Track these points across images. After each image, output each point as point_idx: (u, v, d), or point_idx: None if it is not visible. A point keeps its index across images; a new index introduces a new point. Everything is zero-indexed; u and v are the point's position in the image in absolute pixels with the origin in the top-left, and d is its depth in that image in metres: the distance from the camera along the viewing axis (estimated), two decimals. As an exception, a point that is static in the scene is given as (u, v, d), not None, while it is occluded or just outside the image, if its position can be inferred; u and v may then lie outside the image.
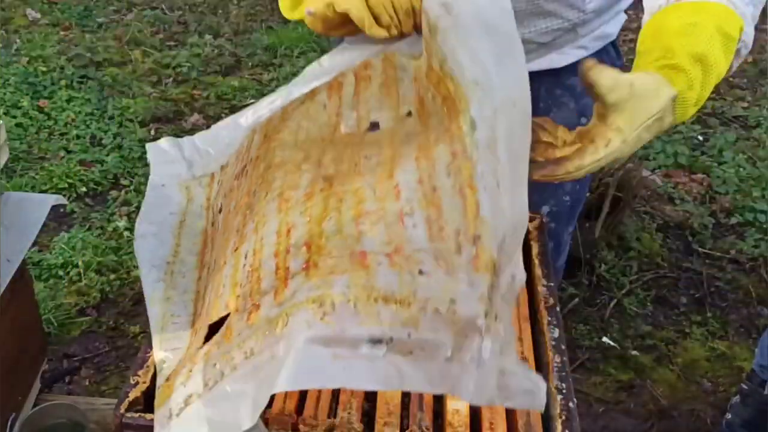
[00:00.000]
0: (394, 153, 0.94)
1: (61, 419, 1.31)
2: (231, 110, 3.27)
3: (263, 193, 0.99)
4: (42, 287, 2.25)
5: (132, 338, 2.16)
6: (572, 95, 1.34)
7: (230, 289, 0.90)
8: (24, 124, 3.04)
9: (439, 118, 0.95)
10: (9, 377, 1.33)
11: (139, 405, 0.96)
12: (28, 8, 4.03)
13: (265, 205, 0.96)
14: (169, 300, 1.03)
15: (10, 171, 2.76)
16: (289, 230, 0.89)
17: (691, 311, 2.29)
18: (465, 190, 0.84)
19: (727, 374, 2.08)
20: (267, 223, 0.93)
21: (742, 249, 2.50)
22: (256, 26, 3.99)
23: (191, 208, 1.18)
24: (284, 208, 0.93)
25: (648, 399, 2.00)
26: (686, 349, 2.16)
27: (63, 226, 2.56)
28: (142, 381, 0.97)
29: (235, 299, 0.88)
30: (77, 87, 3.33)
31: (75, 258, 2.36)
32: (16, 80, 3.24)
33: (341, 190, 0.91)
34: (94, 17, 4.02)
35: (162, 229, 1.13)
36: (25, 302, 1.43)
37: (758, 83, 3.50)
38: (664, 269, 2.43)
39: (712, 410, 1.98)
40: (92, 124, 3.10)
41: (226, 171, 1.20)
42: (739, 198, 2.72)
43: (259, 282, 0.87)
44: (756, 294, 2.34)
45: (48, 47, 3.59)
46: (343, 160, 0.98)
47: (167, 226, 1.14)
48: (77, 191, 2.72)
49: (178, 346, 0.97)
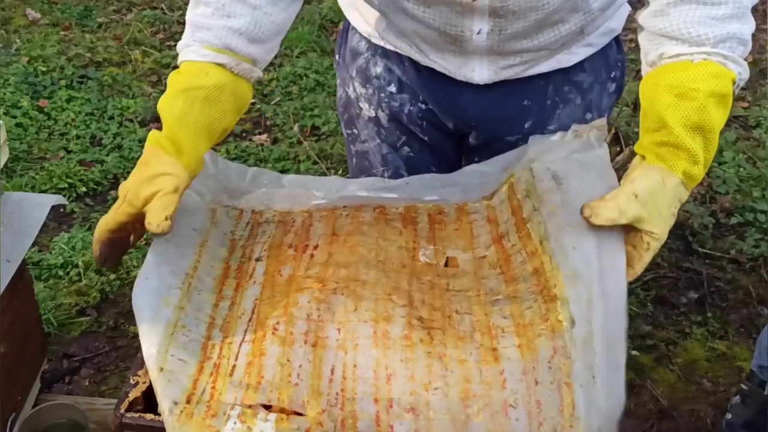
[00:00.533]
0: (488, 320, 1.00)
1: (61, 419, 1.31)
2: (231, 110, 3.28)
3: (350, 301, 1.02)
4: (42, 287, 2.25)
5: (132, 338, 2.16)
6: (579, 91, 1.35)
7: (309, 391, 0.92)
8: (24, 124, 3.04)
9: (529, 289, 1.03)
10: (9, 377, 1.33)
11: (139, 405, 0.96)
12: (28, 8, 4.03)
13: (356, 322, 0.99)
14: (182, 309, 1.02)
15: (10, 171, 2.76)
16: (389, 377, 0.93)
17: (691, 311, 2.29)
18: (563, 388, 0.91)
19: (727, 374, 2.08)
20: (359, 349, 0.96)
21: (742, 249, 2.50)
22: (256, 26, 3.99)
23: (214, 233, 1.19)
24: (380, 345, 0.96)
25: (648, 399, 2.00)
26: (686, 349, 2.16)
27: (63, 226, 2.56)
28: (142, 381, 0.97)
29: (318, 411, 0.90)
30: (77, 87, 3.33)
31: (75, 258, 2.36)
32: (16, 80, 3.24)
33: (444, 353, 0.96)
34: (94, 17, 4.02)
35: (184, 240, 1.13)
36: (25, 302, 1.43)
37: (758, 83, 3.50)
38: (664, 269, 2.43)
39: (712, 410, 1.98)
40: (92, 124, 3.10)
41: (262, 221, 1.23)
42: (739, 198, 2.72)
43: (355, 419, 0.90)
44: (756, 294, 2.34)
45: (48, 47, 3.59)
46: (434, 306, 1.03)
47: (190, 240, 1.14)
48: (77, 191, 2.72)
49: (185, 359, 0.96)
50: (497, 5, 1.13)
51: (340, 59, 1.47)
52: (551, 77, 1.31)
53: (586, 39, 1.28)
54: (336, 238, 1.16)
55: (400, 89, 1.38)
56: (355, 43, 1.40)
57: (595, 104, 1.37)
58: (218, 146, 2.98)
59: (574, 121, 1.33)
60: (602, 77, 1.36)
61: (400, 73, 1.36)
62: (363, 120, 1.45)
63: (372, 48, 1.38)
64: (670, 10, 1.05)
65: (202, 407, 0.90)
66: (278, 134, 3.11)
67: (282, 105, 3.28)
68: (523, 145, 1.29)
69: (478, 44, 1.20)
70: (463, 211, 1.22)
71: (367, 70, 1.39)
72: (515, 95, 1.32)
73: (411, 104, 1.38)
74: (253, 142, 3.05)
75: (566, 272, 0.99)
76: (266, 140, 3.06)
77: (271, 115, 3.20)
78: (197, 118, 1.07)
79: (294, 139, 3.05)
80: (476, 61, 1.25)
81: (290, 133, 3.09)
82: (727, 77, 1.01)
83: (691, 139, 0.99)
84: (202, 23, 1.12)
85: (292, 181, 1.32)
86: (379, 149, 1.45)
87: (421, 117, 1.39)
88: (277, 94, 3.37)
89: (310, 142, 3.00)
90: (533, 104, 1.33)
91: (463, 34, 1.19)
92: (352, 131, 1.49)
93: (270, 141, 3.07)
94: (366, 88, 1.40)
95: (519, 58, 1.25)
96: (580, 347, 0.93)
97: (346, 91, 1.46)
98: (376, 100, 1.40)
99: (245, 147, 2.99)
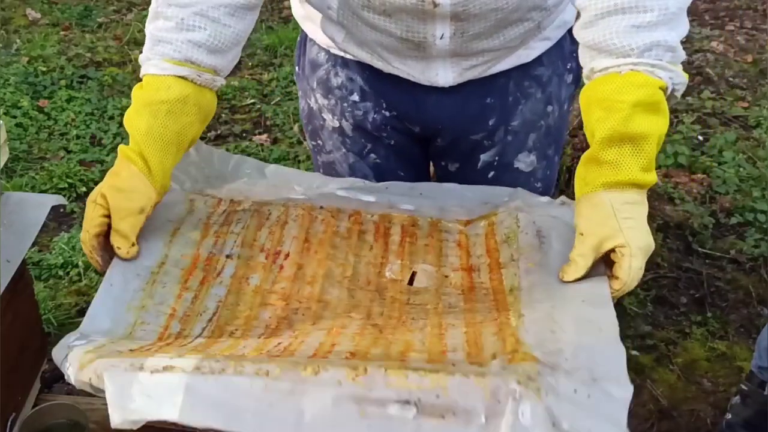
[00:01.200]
0: (441, 321, 1.02)
1: (61, 419, 1.31)
2: (231, 110, 3.28)
3: (309, 321, 1.04)
4: (42, 287, 2.25)
5: (132, 338, 2.16)
6: (539, 85, 1.37)
7: (253, 349, 0.93)
8: (24, 124, 3.04)
9: (486, 306, 1.06)
10: (9, 377, 1.33)
11: (139, 405, 0.96)
12: (28, 8, 4.03)
13: (312, 330, 1.00)
14: (144, 308, 1.05)
15: (10, 171, 2.76)
16: (333, 344, 0.94)
17: (691, 311, 2.29)
18: (508, 338, 0.92)
19: (727, 374, 2.08)
20: (309, 337, 0.97)
21: (742, 249, 2.50)
22: (256, 26, 3.99)
23: (189, 219, 1.20)
24: (330, 335, 0.97)
25: (648, 399, 2.00)
26: (686, 349, 2.16)
27: (63, 226, 2.56)
28: (142, 381, 0.97)
29: (260, 351, 0.91)
30: (77, 87, 3.33)
31: (75, 258, 2.36)
32: (16, 80, 3.24)
33: (391, 337, 0.97)
34: (94, 17, 4.02)
35: (154, 237, 1.14)
36: (25, 302, 1.43)
37: (758, 83, 3.50)
38: (664, 269, 2.43)
39: (712, 410, 1.98)
40: (92, 124, 3.10)
41: (239, 209, 1.24)
42: (739, 198, 2.72)
43: (293, 352, 0.90)
44: (756, 294, 2.34)
45: (48, 47, 3.59)
46: (391, 316, 1.05)
47: (161, 235, 1.16)
48: (77, 191, 2.72)
49: (141, 342, 0.98)
50: (459, 9, 1.14)
51: (300, 71, 1.47)
52: (511, 74, 1.33)
53: (543, 33, 1.30)
54: (308, 247, 1.18)
55: (362, 97, 1.38)
56: (314, 54, 1.40)
57: (554, 96, 1.39)
58: (218, 147, 2.99)
59: (536, 114, 1.37)
60: (559, 69, 1.38)
61: (362, 81, 1.37)
62: (327, 130, 1.45)
63: (332, 58, 1.38)
64: (598, 21, 1.06)
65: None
66: (278, 134, 3.11)
67: (282, 105, 3.28)
68: (496, 175, 1.36)
69: (441, 48, 1.22)
70: (436, 228, 1.24)
71: (328, 81, 1.39)
72: (478, 94, 1.34)
73: (375, 111, 1.38)
74: (253, 142, 3.05)
75: (525, 306, 1.03)
76: (266, 140, 3.06)
77: (271, 115, 3.21)
78: (162, 132, 1.10)
79: (294, 139, 3.05)
80: (439, 65, 1.26)
81: (290, 133, 3.09)
82: (654, 86, 1.03)
83: (610, 150, 1.01)
84: (162, 37, 1.13)
85: (274, 172, 1.33)
86: (346, 158, 1.45)
87: (385, 123, 1.39)
88: (277, 94, 3.37)
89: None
90: (496, 101, 1.35)
91: (425, 40, 1.20)
92: (317, 142, 1.49)
93: (270, 141, 3.07)
94: (328, 98, 1.40)
95: (481, 57, 1.27)
96: (531, 323, 0.95)
97: (308, 102, 1.46)
98: (339, 110, 1.40)
99: (245, 147, 2.99)
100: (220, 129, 3.13)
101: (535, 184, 1.44)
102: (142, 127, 1.09)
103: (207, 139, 3.04)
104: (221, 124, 3.17)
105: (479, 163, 1.42)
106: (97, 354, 0.90)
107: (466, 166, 1.43)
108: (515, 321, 0.96)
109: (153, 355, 0.89)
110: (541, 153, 1.43)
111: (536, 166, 1.43)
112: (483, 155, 1.41)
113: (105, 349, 0.92)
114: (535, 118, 1.39)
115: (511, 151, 1.41)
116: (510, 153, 1.41)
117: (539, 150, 1.42)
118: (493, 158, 1.41)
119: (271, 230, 1.20)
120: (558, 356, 0.87)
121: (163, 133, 1.10)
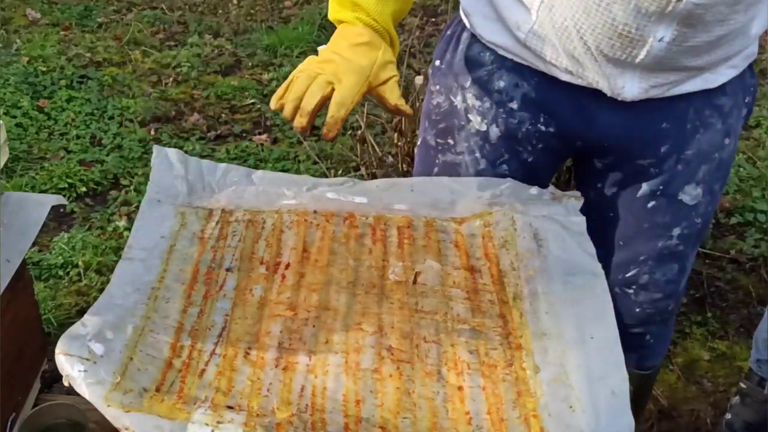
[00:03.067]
0: (455, 352, 1.04)
1: (61, 419, 1.31)
2: (231, 110, 3.27)
3: (322, 334, 1.06)
4: (42, 287, 2.25)
5: (132, 338, 2.16)
6: (720, 115, 1.29)
7: (279, 400, 0.95)
8: (24, 124, 3.04)
9: (494, 329, 1.08)
10: (9, 377, 1.33)
11: (139, 405, 0.96)
12: (28, 8, 4.03)
13: (327, 352, 1.03)
14: (149, 319, 1.06)
15: (10, 171, 2.76)
16: (358, 402, 0.96)
17: (691, 311, 2.29)
18: (530, 420, 0.94)
19: (727, 374, 2.08)
20: (329, 375, 0.99)
21: (742, 249, 2.50)
22: (256, 26, 3.99)
23: (183, 233, 1.21)
24: (351, 374, 1.00)
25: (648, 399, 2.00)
26: (686, 349, 2.16)
27: (63, 226, 2.56)
28: (142, 381, 0.98)
29: (288, 414, 0.93)
30: (77, 87, 3.33)
31: (75, 258, 2.36)
32: (16, 80, 3.24)
33: (412, 389, 0.99)
34: (94, 17, 4.02)
35: (151, 255, 1.15)
36: (25, 302, 1.44)
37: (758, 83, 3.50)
38: (664, 269, 2.43)
39: (712, 410, 1.98)
40: (92, 124, 3.10)
41: (232, 220, 1.25)
42: (739, 198, 2.72)
43: (324, 424, 0.92)
44: (756, 294, 2.34)
45: (48, 47, 3.59)
46: (402, 331, 1.07)
47: (157, 252, 1.16)
48: (77, 191, 2.72)
49: (154, 354, 1.00)
50: (697, 12, 1.08)
51: (444, 66, 1.37)
52: (693, 99, 1.25)
53: (732, 60, 1.23)
54: (307, 256, 1.19)
55: (521, 107, 1.30)
56: (476, 52, 1.32)
57: (733, 130, 1.32)
58: (218, 147, 2.99)
59: (713, 146, 1.29)
60: (739, 102, 1.31)
61: (527, 88, 1.29)
62: (467, 132, 1.35)
63: (498, 60, 1.30)
64: None
65: (172, 396, 0.93)
66: (278, 134, 3.11)
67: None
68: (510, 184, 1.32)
69: (653, 53, 1.14)
70: (431, 227, 1.25)
71: (488, 83, 1.31)
72: (655, 116, 1.26)
73: (530, 123, 1.31)
74: (253, 142, 3.05)
75: (534, 330, 1.06)
76: (266, 140, 3.06)
77: (271, 115, 3.20)
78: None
79: (294, 139, 3.05)
80: (630, 75, 1.19)
81: (290, 133, 3.09)
82: None
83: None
84: None
85: (261, 178, 1.33)
86: (475, 164, 1.36)
87: (537, 137, 1.32)
88: (277, 94, 3.37)
89: (310, 142, 3.00)
90: (672, 127, 1.27)
91: (642, 39, 1.12)
92: (445, 141, 1.39)
93: (270, 141, 3.07)
94: (482, 101, 1.32)
95: (673, 76, 1.20)
96: (548, 385, 0.97)
97: (452, 100, 1.36)
98: (492, 115, 1.32)
99: (245, 147, 2.99)
100: (220, 129, 3.13)
101: (696, 219, 1.35)
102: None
103: (207, 139, 3.04)
104: (221, 124, 3.17)
105: (640, 190, 1.33)
106: (122, 390, 0.93)
107: (626, 192, 1.34)
108: (533, 382, 0.99)
109: (189, 412, 0.90)
110: (708, 187, 1.33)
111: (701, 200, 1.34)
112: (646, 183, 1.32)
113: (128, 384, 0.94)
114: (711, 149, 1.30)
115: (679, 182, 1.31)
116: (677, 184, 1.31)
117: (707, 184, 1.33)
118: (657, 187, 1.32)
119: (268, 242, 1.20)
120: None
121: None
